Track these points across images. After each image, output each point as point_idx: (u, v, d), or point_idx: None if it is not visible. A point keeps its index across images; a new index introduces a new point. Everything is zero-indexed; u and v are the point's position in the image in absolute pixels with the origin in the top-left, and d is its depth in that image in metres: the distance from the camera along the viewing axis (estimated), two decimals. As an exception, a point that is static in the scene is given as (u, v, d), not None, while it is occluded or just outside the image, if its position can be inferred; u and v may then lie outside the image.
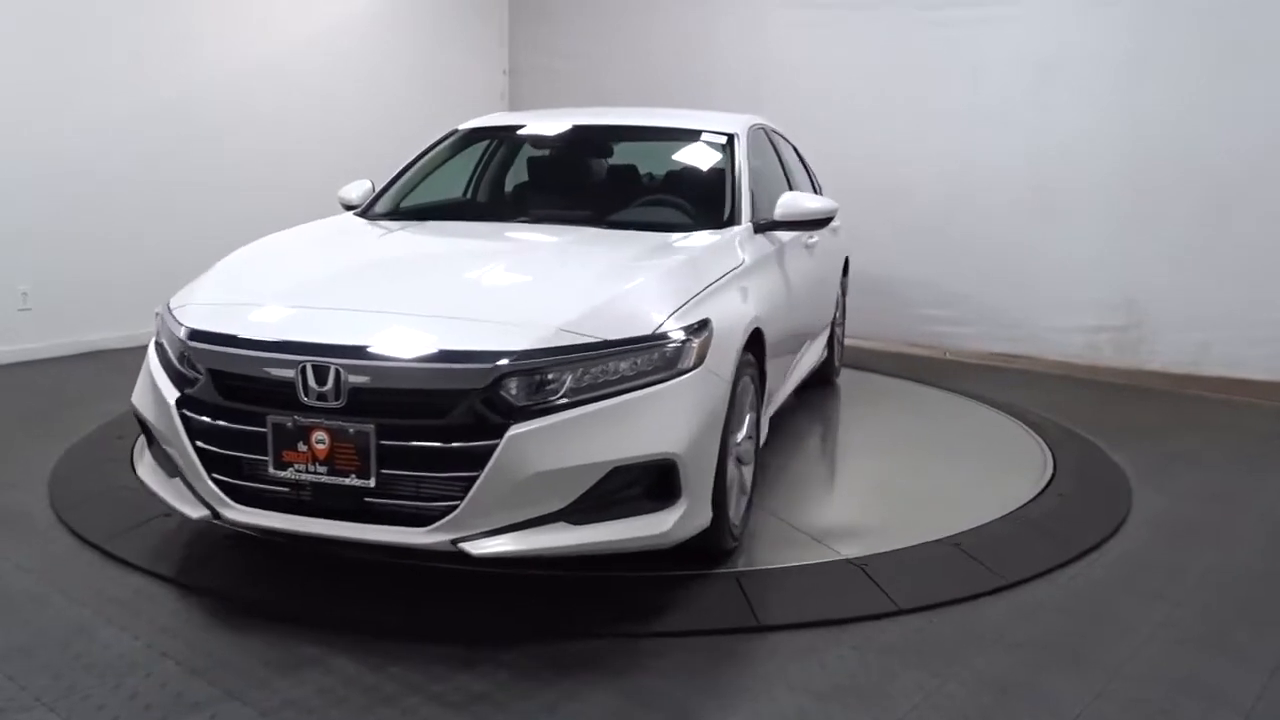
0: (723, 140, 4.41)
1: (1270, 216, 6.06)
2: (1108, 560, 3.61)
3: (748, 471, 3.58)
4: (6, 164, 6.09)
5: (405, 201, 4.46)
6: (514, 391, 2.76)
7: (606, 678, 2.70)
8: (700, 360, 2.99)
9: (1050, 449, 4.83)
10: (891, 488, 4.52)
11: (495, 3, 9.11)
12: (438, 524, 2.77)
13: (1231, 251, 6.20)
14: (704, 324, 3.06)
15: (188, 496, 3.07)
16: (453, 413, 2.76)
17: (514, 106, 9.07)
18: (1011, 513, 3.96)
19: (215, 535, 3.49)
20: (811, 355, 5.14)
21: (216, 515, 3.00)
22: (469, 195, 4.84)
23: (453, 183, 4.83)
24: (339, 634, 2.88)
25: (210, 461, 2.98)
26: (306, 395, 2.83)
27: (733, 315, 3.29)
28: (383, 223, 4.19)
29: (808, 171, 5.79)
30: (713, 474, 3.07)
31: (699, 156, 4.57)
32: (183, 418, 3.01)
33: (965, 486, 4.34)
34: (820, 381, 5.94)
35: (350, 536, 2.88)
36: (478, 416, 2.75)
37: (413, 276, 3.49)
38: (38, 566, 3.32)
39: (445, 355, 2.79)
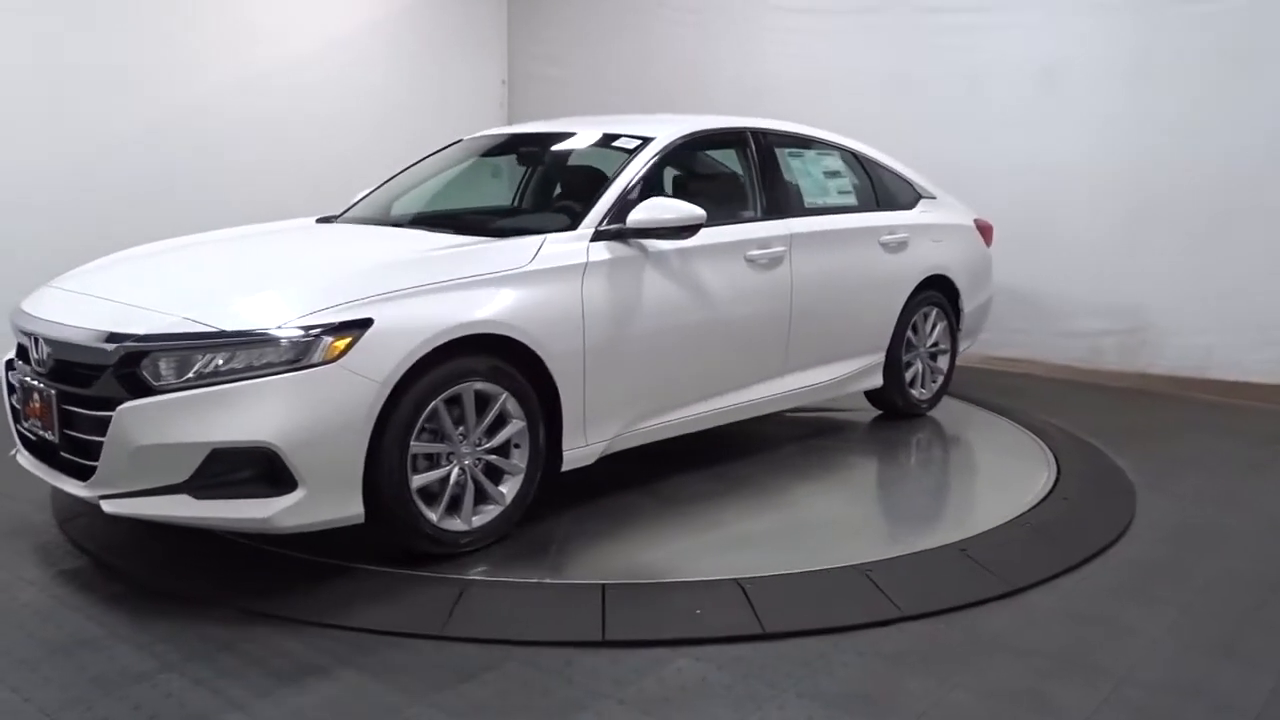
0: (631, 146, 4.28)
1: (1274, 221, 6.05)
2: (1113, 565, 3.60)
3: (512, 483, 3.55)
4: (8, 177, 6.10)
5: (390, 210, 4.71)
6: (143, 371, 3.05)
7: (611, 687, 2.69)
8: (334, 358, 3.05)
9: (1054, 454, 4.81)
10: (895, 493, 4.51)
11: (493, 14, 9.13)
12: (90, 480, 3.13)
13: (1235, 255, 6.19)
14: (356, 323, 3.10)
15: (13, 440, 3.66)
16: (94, 384, 3.13)
17: (513, 117, 9.10)
18: (1016, 518, 3.95)
19: (220, 545, 3.49)
20: (803, 379, 4.76)
21: (14, 455, 3.62)
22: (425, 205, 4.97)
23: (449, 194, 4.92)
24: (344, 643, 2.88)
25: (14, 412, 3.60)
26: (31, 362, 3.40)
27: (423, 319, 3.24)
28: (322, 227, 4.47)
29: (870, 182, 5.32)
30: (358, 471, 3.12)
31: (601, 163, 4.48)
32: (7, 378, 3.65)
33: (969, 492, 4.33)
34: (891, 414, 5.50)
35: (56, 484, 3.31)
36: (107, 390, 3.09)
37: (168, 269, 3.81)
38: (41, 579, 3.33)
39: (85, 334, 3.19)
